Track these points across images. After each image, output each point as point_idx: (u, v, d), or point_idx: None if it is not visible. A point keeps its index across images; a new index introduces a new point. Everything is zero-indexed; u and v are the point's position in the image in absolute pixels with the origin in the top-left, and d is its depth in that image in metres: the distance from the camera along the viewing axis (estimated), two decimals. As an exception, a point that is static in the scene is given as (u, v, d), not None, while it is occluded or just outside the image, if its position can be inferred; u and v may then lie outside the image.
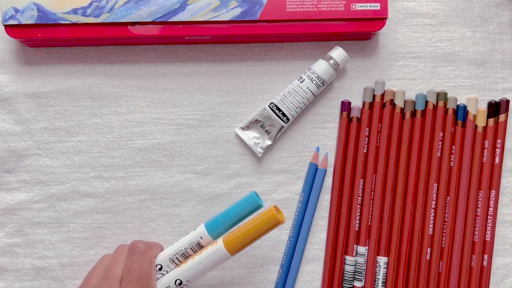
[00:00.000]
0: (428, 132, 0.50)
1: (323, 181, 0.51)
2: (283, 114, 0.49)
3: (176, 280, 0.42)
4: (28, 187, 0.50)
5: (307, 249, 0.51)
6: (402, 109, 0.51)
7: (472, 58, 0.53)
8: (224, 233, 0.42)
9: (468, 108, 0.51)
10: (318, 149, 0.51)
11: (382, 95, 0.51)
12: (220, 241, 0.41)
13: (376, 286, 0.50)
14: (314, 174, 0.50)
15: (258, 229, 0.40)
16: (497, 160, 0.51)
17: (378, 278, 0.50)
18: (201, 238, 0.42)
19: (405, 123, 0.50)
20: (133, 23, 0.47)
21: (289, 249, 0.50)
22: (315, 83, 0.49)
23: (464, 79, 0.53)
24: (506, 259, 0.52)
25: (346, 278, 0.50)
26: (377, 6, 0.48)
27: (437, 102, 0.51)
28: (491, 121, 0.51)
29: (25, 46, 0.51)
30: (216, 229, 0.42)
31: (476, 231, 0.51)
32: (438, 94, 0.51)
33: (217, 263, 0.42)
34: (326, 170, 0.51)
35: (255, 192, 0.42)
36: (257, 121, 0.50)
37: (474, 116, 0.51)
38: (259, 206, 0.41)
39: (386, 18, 0.49)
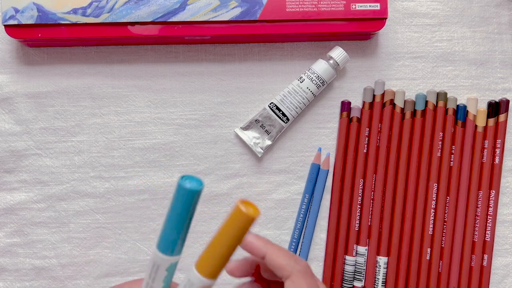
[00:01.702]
0: (428, 132, 0.50)
1: (325, 182, 0.51)
2: (283, 114, 0.49)
3: None
4: (28, 187, 0.50)
5: (307, 249, 0.51)
6: (402, 109, 0.51)
7: (472, 58, 0.53)
8: (183, 244, 0.32)
9: (468, 108, 0.51)
10: (320, 149, 0.51)
11: (382, 95, 0.51)
12: (192, 269, 0.32)
13: (376, 286, 0.50)
14: (316, 175, 0.50)
15: (229, 237, 0.30)
16: (497, 160, 0.51)
17: (378, 278, 0.50)
18: (156, 263, 0.32)
19: (405, 123, 0.50)
20: (133, 23, 0.47)
21: (294, 250, 0.50)
22: (315, 83, 0.49)
23: (464, 79, 0.53)
24: (506, 259, 0.52)
25: (346, 278, 0.50)
26: (377, 6, 0.48)
27: (437, 102, 0.51)
28: (491, 121, 0.51)
29: (25, 46, 0.51)
30: (169, 243, 0.32)
31: (476, 231, 0.50)
32: (438, 94, 0.51)
33: None
34: (328, 170, 0.51)
35: (183, 176, 0.30)
36: (257, 121, 0.50)
37: (474, 116, 0.51)
38: (195, 192, 0.30)
39: (386, 18, 0.49)
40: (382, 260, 0.50)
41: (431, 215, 0.50)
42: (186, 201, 0.31)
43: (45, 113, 0.50)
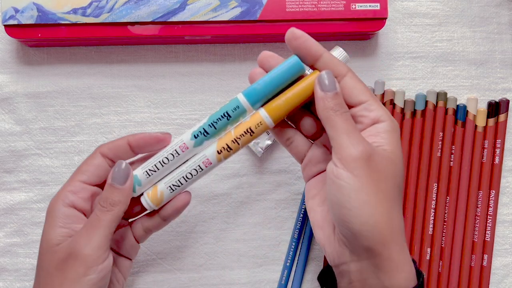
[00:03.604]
0: (428, 132, 0.50)
1: (323, 181, 0.51)
2: (283, 114, 0.49)
3: (217, 150, 0.37)
4: (28, 187, 0.50)
5: (307, 249, 0.51)
6: (402, 109, 0.51)
7: (472, 58, 0.53)
8: (261, 102, 0.36)
9: (468, 108, 0.51)
10: None
11: (382, 95, 0.51)
12: (261, 109, 0.36)
13: (376, 286, 0.50)
14: None
15: (304, 93, 0.35)
16: (497, 160, 0.51)
17: (378, 278, 0.50)
18: (237, 108, 0.36)
19: (405, 123, 0.50)
20: (133, 23, 0.47)
21: (293, 250, 0.50)
22: (315, 83, 0.49)
23: (464, 79, 0.53)
24: (506, 259, 0.52)
25: (346, 278, 0.50)
26: (377, 6, 0.48)
27: (437, 102, 0.51)
28: (491, 121, 0.51)
29: (25, 46, 0.51)
30: (257, 97, 0.36)
31: (476, 231, 0.50)
32: (438, 94, 0.51)
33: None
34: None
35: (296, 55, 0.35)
36: (257, 121, 0.50)
37: (474, 116, 0.51)
38: (301, 67, 0.35)
39: (386, 18, 0.49)
40: (382, 260, 0.50)
41: (431, 215, 0.50)
42: (290, 68, 0.35)
43: (45, 113, 0.50)
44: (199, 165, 0.37)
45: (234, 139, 0.36)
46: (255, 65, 0.52)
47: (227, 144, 0.36)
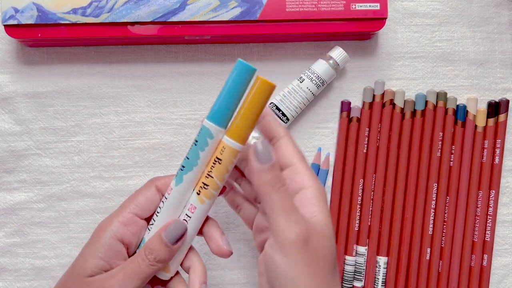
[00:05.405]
0: (428, 132, 0.50)
1: (325, 182, 0.51)
2: (283, 114, 0.49)
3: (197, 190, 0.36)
4: (27, 187, 0.50)
5: (307, 249, 0.51)
6: (402, 109, 0.51)
7: (472, 58, 0.53)
8: (229, 119, 0.35)
9: (468, 108, 0.51)
10: (320, 149, 0.51)
11: (382, 95, 0.51)
12: (223, 136, 0.35)
13: (376, 286, 0.50)
14: (316, 175, 0.50)
15: (256, 104, 0.34)
16: (497, 160, 0.51)
17: (378, 278, 0.50)
18: (200, 131, 0.35)
19: (405, 123, 0.50)
20: (132, 23, 0.47)
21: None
22: (315, 83, 0.49)
23: (464, 79, 0.53)
24: (506, 259, 0.52)
25: (346, 278, 0.50)
26: (377, 6, 0.48)
27: (437, 102, 0.51)
28: (491, 121, 0.51)
29: (25, 46, 0.51)
30: (221, 117, 0.35)
31: (476, 231, 0.51)
32: (438, 94, 0.51)
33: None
34: (328, 170, 0.51)
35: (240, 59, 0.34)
36: (257, 121, 0.50)
37: (474, 116, 0.51)
38: (252, 70, 0.34)
39: (386, 18, 0.49)
40: (382, 260, 0.50)
41: (431, 215, 0.50)
42: (244, 76, 0.34)
43: (45, 113, 0.50)
44: (186, 214, 0.36)
45: (207, 174, 0.35)
46: (255, 65, 0.51)
47: (203, 183, 0.35)
